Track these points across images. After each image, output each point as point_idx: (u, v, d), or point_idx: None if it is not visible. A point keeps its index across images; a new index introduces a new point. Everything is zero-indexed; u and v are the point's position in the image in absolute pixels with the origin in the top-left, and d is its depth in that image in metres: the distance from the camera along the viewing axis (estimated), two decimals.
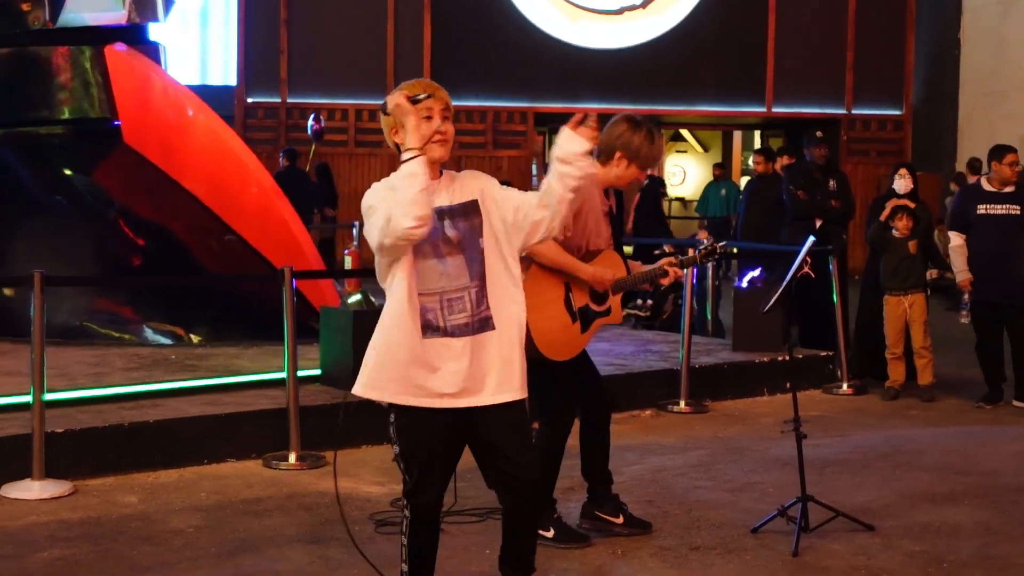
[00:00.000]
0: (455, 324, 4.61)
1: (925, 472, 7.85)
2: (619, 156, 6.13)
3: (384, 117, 4.67)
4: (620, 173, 6.16)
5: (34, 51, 12.07)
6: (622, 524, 6.47)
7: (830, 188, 12.12)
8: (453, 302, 4.62)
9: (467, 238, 4.65)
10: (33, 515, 6.74)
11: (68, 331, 10.59)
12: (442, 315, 4.60)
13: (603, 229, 6.17)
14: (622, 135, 6.13)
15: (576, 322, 6.01)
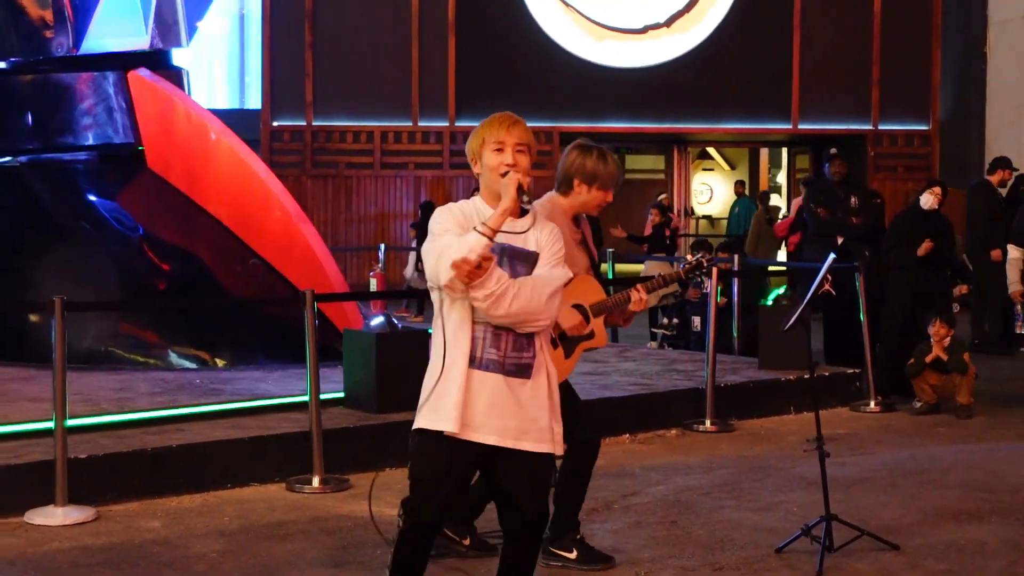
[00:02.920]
0: (488, 358, 4.66)
1: (950, 490, 7.79)
2: (577, 183, 6.13)
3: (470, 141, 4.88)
4: (585, 199, 6.15)
5: (58, 77, 12.15)
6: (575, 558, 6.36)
7: (851, 205, 12.08)
8: (494, 337, 4.68)
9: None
10: (56, 541, 6.75)
11: (93, 356, 10.61)
12: (482, 346, 4.66)
13: (578, 258, 6.15)
14: (574, 162, 6.14)
15: (558, 348, 6.00)
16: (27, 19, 11.88)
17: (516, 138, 4.76)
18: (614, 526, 6.94)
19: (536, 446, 4.73)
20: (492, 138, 4.77)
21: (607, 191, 6.17)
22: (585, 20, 22.89)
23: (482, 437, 4.67)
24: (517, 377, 4.70)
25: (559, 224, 6.01)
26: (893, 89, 23.29)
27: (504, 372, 4.68)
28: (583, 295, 6.05)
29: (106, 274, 11.26)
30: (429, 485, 4.71)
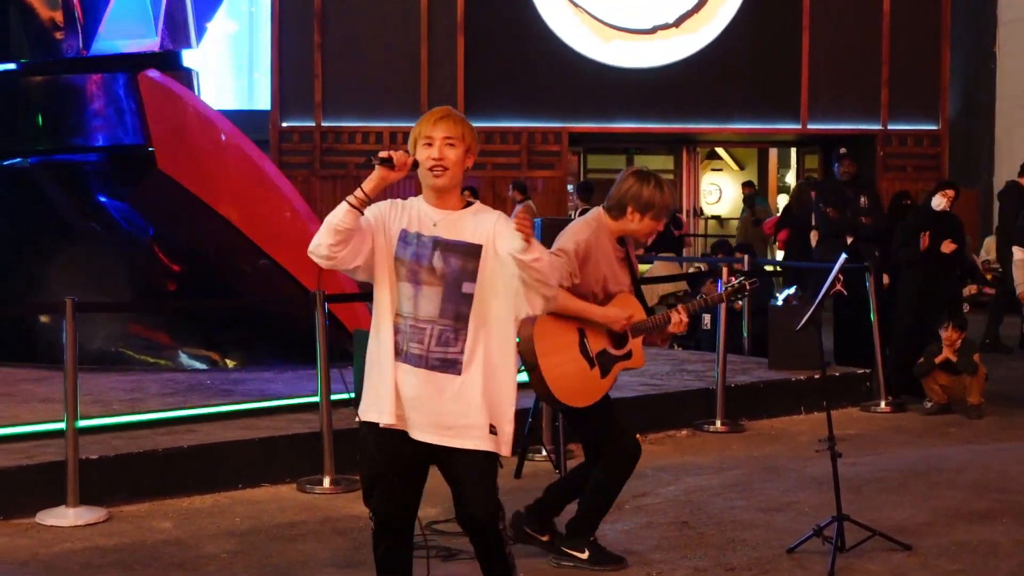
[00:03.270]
0: (411, 353, 4.68)
1: (962, 490, 7.79)
2: (631, 210, 6.13)
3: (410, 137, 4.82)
4: (636, 227, 6.17)
5: (68, 79, 12.16)
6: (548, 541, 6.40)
7: (861, 205, 12.07)
8: (416, 331, 4.68)
9: (453, 276, 4.69)
10: (68, 542, 6.76)
11: (104, 357, 10.63)
12: (405, 340, 4.69)
13: (620, 275, 6.19)
14: (630, 189, 6.14)
15: (595, 368, 6.00)
16: (37, 21, 11.90)
17: (444, 132, 4.74)
18: (625, 526, 6.94)
19: (475, 444, 4.70)
20: (422, 133, 4.76)
21: (659, 221, 6.18)
22: (594, 20, 22.87)
23: (418, 435, 4.69)
24: (443, 372, 4.68)
25: (602, 242, 6.07)
26: (902, 89, 23.25)
27: (428, 367, 4.67)
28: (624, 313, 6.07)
29: (116, 275, 11.27)
30: (375, 477, 4.75)
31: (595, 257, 6.06)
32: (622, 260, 6.22)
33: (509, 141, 22.72)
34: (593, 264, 6.06)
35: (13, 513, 7.16)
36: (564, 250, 6.02)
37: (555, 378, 5.94)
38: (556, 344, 5.96)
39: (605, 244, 6.12)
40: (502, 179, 21.98)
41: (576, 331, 6.01)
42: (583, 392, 6.03)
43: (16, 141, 12.21)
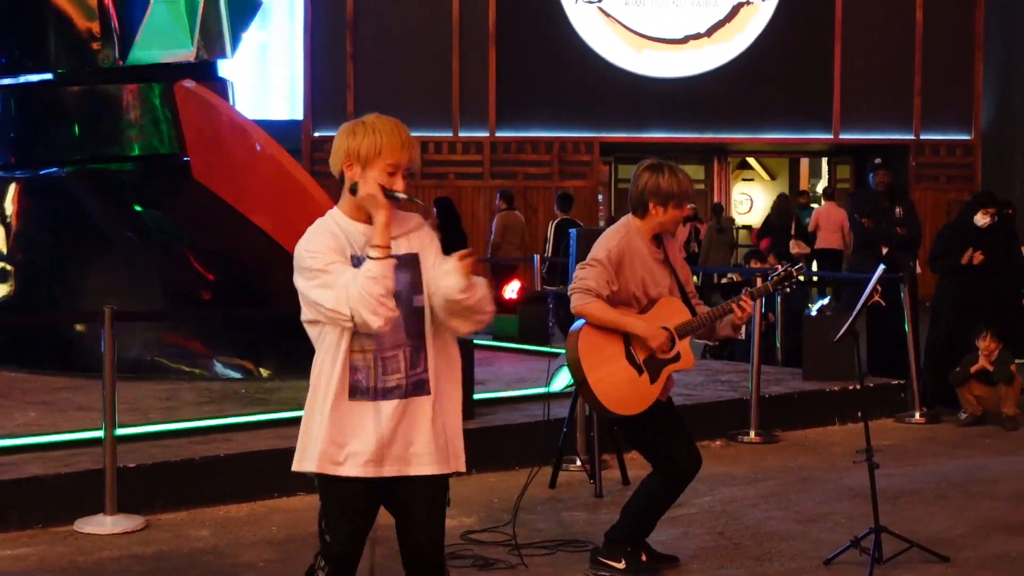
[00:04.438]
0: (386, 386, 4.36)
1: (999, 501, 7.76)
2: (652, 205, 6.12)
3: (337, 145, 4.39)
4: (662, 220, 6.15)
5: (104, 89, 12.21)
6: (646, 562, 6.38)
7: (896, 215, 12.04)
8: (387, 361, 4.37)
9: (406, 292, 4.37)
10: (106, 550, 6.79)
11: (139, 365, 10.66)
12: (374, 375, 4.35)
13: (660, 277, 6.17)
14: (647, 184, 6.13)
15: (643, 374, 6.00)
16: (74, 31, 11.96)
17: (407, 161, 4.36)
18: (661, 537, 6.92)
19: (439, 468, 4.47)
20: (386, 156, 4.30)
21: (682, 208, 6.17)
22: (625, 30, 22.91)
23: (387, 471, 4.40)
24: (418, 396, 4.40)
25: (636, 245, 6.06)
26: (935, 99, 23.22)
27: (406, 395, 4.37)
28: (668, 317, 6.07)
29: (151, 283, 11.31)
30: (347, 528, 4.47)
31: (630, 261, 6.06)
32: (661, 262, 6.20)
33: (540, 151, 22.76)
34: (629, 269, 6.06)
35: (51, 521, 7.20)
36: (597, 259, 6.03)
37: (605, 390, 5.95)
38: (602, 356, 5.97)
39: (639, 247, 6.11)
40: (533, 189, 22.03)
41: (620, 339, 6.01)
42: (634, 400, 6.02)
43: (53, 151, 12.26)
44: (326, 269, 4.26)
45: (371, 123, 4.34)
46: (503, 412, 9.26)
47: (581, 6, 22.79)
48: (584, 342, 5.96)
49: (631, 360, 6.00)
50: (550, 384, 8.73)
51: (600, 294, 5.92)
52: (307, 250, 4.31)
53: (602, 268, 6.00)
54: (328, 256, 4.28)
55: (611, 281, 5.99)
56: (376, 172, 4.30)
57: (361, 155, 4.31)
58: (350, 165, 4.34)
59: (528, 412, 9.16)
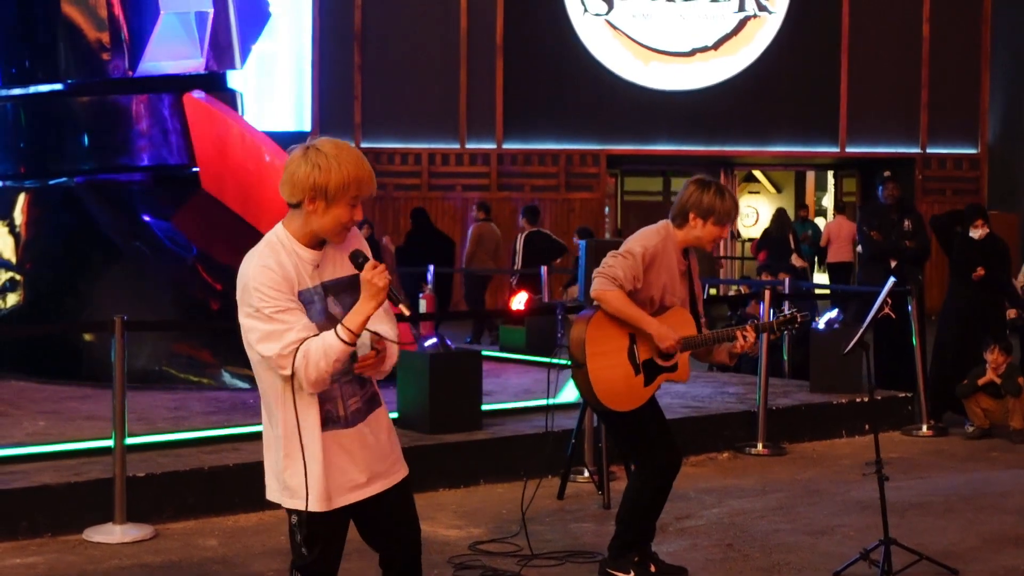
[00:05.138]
0: (352, 410, 4.36)
1: (1008, 515, 7.76)
2: (692, 216, 6.17)
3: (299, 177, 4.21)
4: (699, 233, 6.19)
5: (114, 99, 12.24)
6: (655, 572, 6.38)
7: (905, 228, 12.06)
8: (346, 387, 4.35)
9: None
10: (115, 559, 6.80)
11: (147, 375, 10.68)
12: (342, 403, 4.33)
13: (678, 288, 6.23)
14: (691, 196, 6.19)
15: (639, 375, 6.04)
16: (84, 41, 11.99)
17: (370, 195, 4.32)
18: (670, 548, 6.93)
19: (403, 471, 4.54)
20: (354, 188, 4.21)
21: (723, 227, 6.20)
22: (633, 43, 22.94)
23: (368, 491, 4.42)
24: (373, 410, 4.44)
25: (668, 253, 6.12)
26: (941, 112, 23.23)
27: (367, 413, 4.39)
28: (675, 326, 6.10)
29: (160, 294, 11.34)
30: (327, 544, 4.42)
31: (659, 265, 6.11)
32: (683, 274, 6.26)
33: (547, 163, 22.78)
34: (656, 273, 6.10)
35: (61, 530, 7.22)
36: (632, 252, 6.07)
37: (599, 379, 5.98)
38: (606, 346, 6.01)
39: (671, 254, 6.17)
40: (540, 201, 22.04)
41: (627, 336, 6.05)
42: (624, 397, 6.06)
43: (62, 161, 12.29)
44: (275, 318, 4.17)
45: (333, 155, 4.21)
46: (511, 423, 9.27)
47: (589, 18, 22.82)
48: (593, 328, 6.01)
49: (631, 358, 6.04)
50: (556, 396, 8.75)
51: (623, 286, 5.97)
52: (256, 289, 4.19)
53: (634, 262, 6.04)
54: (279, 300, 4.18)
55: (638, 278, 6.03)
56: (340, 208, 4.22)
57: (329, 192, 4.19)
58: (313, 199, 4.21)
59: (536, 423, 9.16)
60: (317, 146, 4.24)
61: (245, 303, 4.23)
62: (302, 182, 4.20)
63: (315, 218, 4.23)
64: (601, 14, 22.85)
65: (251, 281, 4.20)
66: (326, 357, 4.11)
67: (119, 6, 11.91)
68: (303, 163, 4.21)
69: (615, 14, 22.87)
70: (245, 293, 4.23)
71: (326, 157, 4.20)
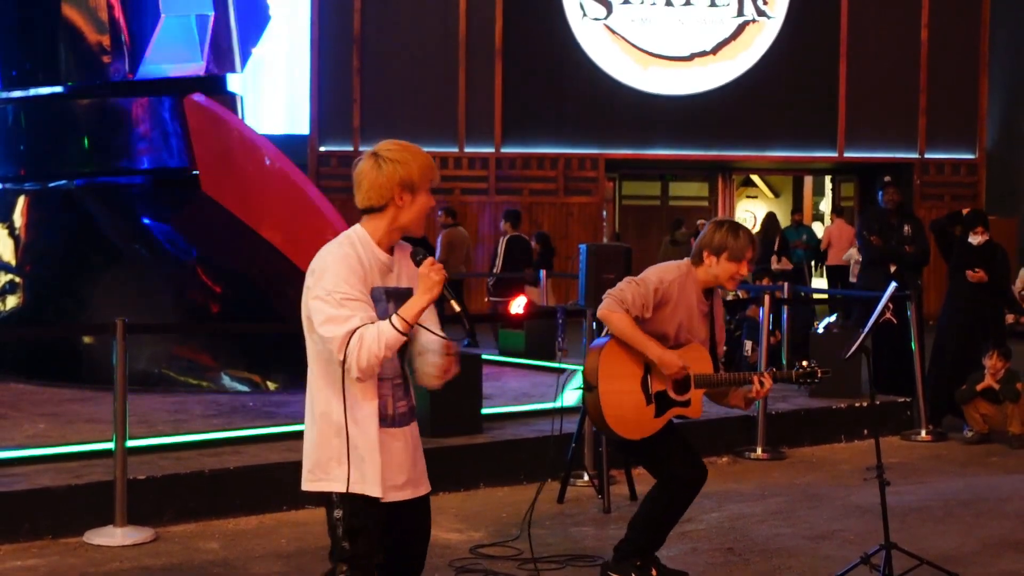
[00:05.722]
0: (399, 413, 4.51)
1: (1008, 520, 7.77)
2: (706, 255, 6.20)
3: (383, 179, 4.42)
4: (716, 271, 6.20)
5: (114, 102, 12.26)
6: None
7: (904, 233, 12.07)
8: (396, 388, 4.51)
9: None
10: (116, 561, 6.81)
11: (147, 378, 10.69)
12: (391, 403, 4.49)
13: (697, 328, 6.23)
14: (704, 236, 6.25)
15: (650, 404, 6.04)
16: (85, 44, 12.00)
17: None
18: (670, 553, 6.93)
19: (428, 486, 4.65)
20: (429, 176, 4.49)
21: (738, 263, 6.19)
22: (632, 47, 22.94)
23: (402, 495, 4.52)
24: (412, 420, 4.58)
25: (687, 292, 6.15)
26: (940, 118, 23.24)
27: (409, 421, 4.55)
28: (691, 363, 6.10)
29: (160, 296, 11.34)
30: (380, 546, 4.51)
31: (676, 302, 6.13)
32: (705, 315, 6.27)
33: (546, 167, 22.78)
34: (672, 308, 6.12)
35: (61, 532, 7.22)
36: (646, 281, 6.10)
37: (610, 403, 5.99)
38: (620, 371, 6.03)
39: (689, 293, 6.18)
40: (539, 205, 22.05)
41: (642, 366, 6.06)
42: (633, 425, 6.07)
43: (63, 163, 12.32)
44: (343, 303, 4.33)
45: (402, 149, 4.45)
46: (511, 427, 9.27)
47: (587, 23, 22.83)
48: (608, 352, 6.03)
49: (644, 388, 6.05)
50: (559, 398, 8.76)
51: (630, 311, 5.98)
52: (335, 273, 4.36)
53: (646, 290, 6.06)
54: (351, 289, 4.35)
55: (647, 307, 6.04)
56: (423, 195, 4.47)
57: (415, 182, 4.44)
58: (402, 195, 4.43)
59: (536, 427, 9.18)
60: (381, 150, 4.47)
61: (318, 286, 4.38)
62: (388, 182, 4.42)
63: (404, 212, 4.45)
64: (600, 18, 22.86)
65: (330, 266, 4.38)
66: (379, 343, 4.26)
67: (120, 9, 11.93)
68: (381, 166, 4.43)
69: (614, 18, 22.88)
70: (321, 277, 4.39)
71: (398, 152, 4.44)
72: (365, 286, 4.40)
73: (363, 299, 4.37)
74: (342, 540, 4.46)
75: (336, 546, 4.49)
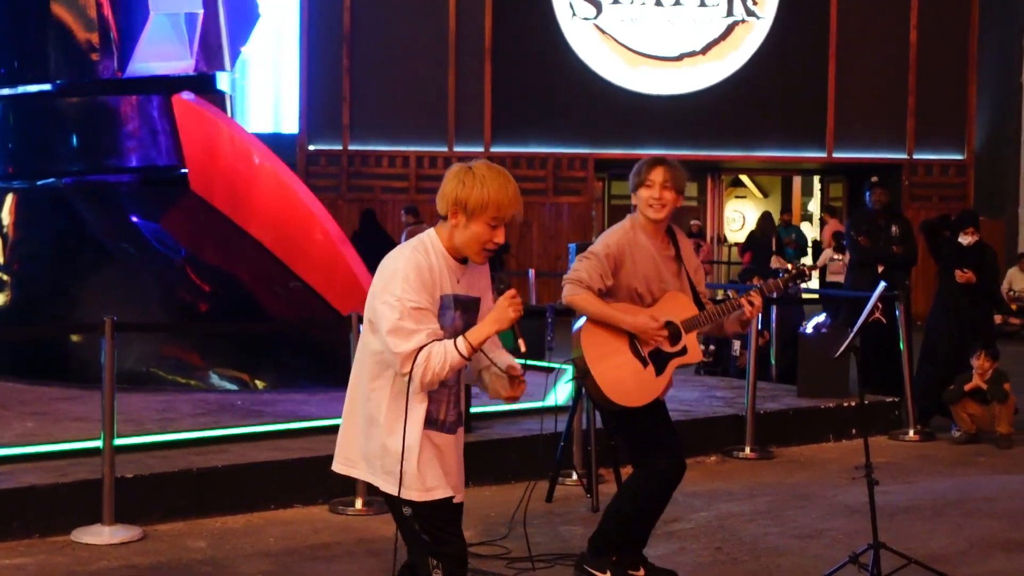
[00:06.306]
0: (451, 420, 4.62)
1: (997, 519, 7.78)
2: (633, 195, 6.14)
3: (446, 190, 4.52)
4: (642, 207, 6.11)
5: (103, 100, 12.22)
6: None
7: (892, 234, 12.08)
8: (451, 395, 4.61)
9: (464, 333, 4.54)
10: (104, 560, 6.79)
11: (135, 377, 10.65)
12: (444, 409, 4.58)
13: (667, 273, 6.14)
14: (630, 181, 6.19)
15: (648, 366, 5.99)
16: (73, 42, 11.96)
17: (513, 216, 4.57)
18: (658, 552, 6.93)
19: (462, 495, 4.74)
20: (495, 212, 4.49)
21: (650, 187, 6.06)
22: (621, 47, 22.95)
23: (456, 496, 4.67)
24: (460, 426, 4.70)
25: (640, 244, 6.08)
26: (929, 119, 23.28)
27: (458, 427, 4.67)
28: (674, 312, 6.05)
29: (149, 295, 11.31)
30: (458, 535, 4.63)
31: (632, 258, 6.04)
32: (672, 258, 6.18)
33: (535, 166, 22.78)
34: (631, 265, 6.04)
35: (49, 531, 7.20)
36: (594, 253, 6.04)
37: (609, 381, 5.93)
38: (606, 349, 5.96)
39: (644, 243, 6.09)
40: (528, 204, 22.04)
41: (625, 335, 5.99)
42: (637, 392, 6.00)
43: (51, 161, 12.27)
44: (411, 314, 4.40)
45: (480, 175, 4.49)
46: (499, 425, 9.27)
47: (577, 22, 22.83)
48: (587, 336, 5.96)
49: (636, 353, 5.98)
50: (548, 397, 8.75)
51: (591, 287, 5.92)
52: (405, 279, 4.44)
53: (597, 262, 5.99)
54: (420, 297, 4.43)
55: (605, 276, 5.97)
56: (479, 226, 4.49)
57: (469, 207, 4.48)
58: (455, 213, 4.50)
59: (525, 426, 9.17)
60: (471, 165, 4.54)
61: (388, 291, 4.45)
62: (448, 195, 4.51)
63: (457, 232, 4.52)
64: (589, 18, 22.87)
65: (401, 271, 4.46)
66: (443, 364, 4.38)
67: (108, 7, 11.88)
68: (453, 178, 4.52)
69: (603, 18, 22.89)
70: (391, 282, 4.46)
71: (473, 176, 4.49)
72: (433, 295, 4.49)
73: (430, 309, 4.46)
74: (420, 533, 4.55)
75: (416, 541, 4.59)
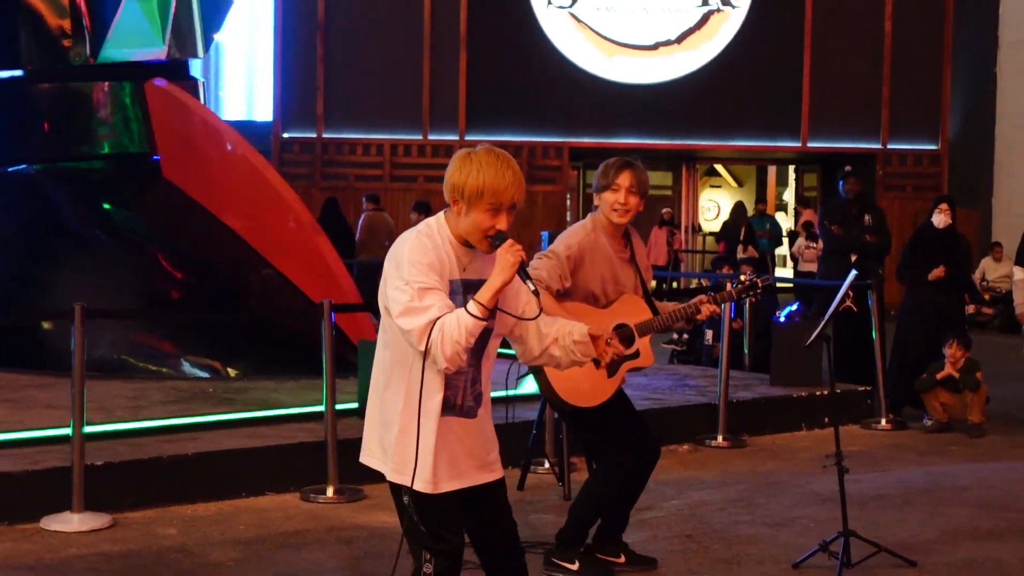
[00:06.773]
0: (469, 404, 4.51)
1: (967, 508, 7.80)
2: (596, 196, 6.14)
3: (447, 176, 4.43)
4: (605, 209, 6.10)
5: (75, 86, 12.17)
6: (624, 563, 6.42)
7: (865, 223, 12.11)
8: (469, 379, 4.51)
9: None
10: (73, 547, 6.76)
11: (106, 364, 10.61)
12: (461, 394, 4.48)
13: (624, 276, 6.15)
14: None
15: (600, 367, 5.99)
16: (45, 28, 11.90)
17: (513, 200, 4.40)
18: (630, 540, 6.91)
19: (500, 472, 4.66)
20: (492, 199, 4.34)
21: (615, 192, 6.05)
22: (597, 36, 22.95)
23: (466, 483, 4.54)
24: (479, 407, 4.55)
25: (600, 246, 6.05)
26: (903, 109, 23.34)
27: (476, 409, 4.53)
28: (628, 315, 6.05)
29: (121, 283, 11.26)
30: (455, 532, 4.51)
31: (591, 260, 6.04)
32: (627, 261, 6.19)
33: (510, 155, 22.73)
34: (590, 267, 6.03)
35: (18, 518, 7.17)
36: (555, 252, 6.02)
37: (559, 379, 5.93)
38: None
39: (604, 245, 6.09)
40: None
41: None
42: (589, 393, 6.01)
43: (22, 148, 12.22)
44: (420, 293, 4.28)
45: (478, 161, 4.36)
46: None
47: (552, 11, 22.82)
48: None
49: None
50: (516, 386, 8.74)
51: (549, 287, 5.89)
52: (411, 262, 4.33)
53: (557, 262, 5.97)
54: (428, 277, 4.31)
55: (564, 276, 5.96)
56: (478, 212, 4.34)
57: (466, 194, 4.34)
58: (456, 200, 4.39)
59: (496, 414, 9.14)
60: (473, 151, 4.42)
61: (396, 276, 4.35)
62: (448, 181, 4.41)
63: (460, 219, 4.40)
64: (565, 7, 22.86)
65: (407, 255, 4.35)
66: (459, 330, 4.23)
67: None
68: (454, 164, 4.42)
69: (579, 7, 22.88)
70: (399, 266, 4.36)
71: (471, 161, 4.36)
72: (442, 276, 4.38)
73: (439, 288, 4.34)
74: (419, 525, 4.47)
75: (413, 530, 4.50)
